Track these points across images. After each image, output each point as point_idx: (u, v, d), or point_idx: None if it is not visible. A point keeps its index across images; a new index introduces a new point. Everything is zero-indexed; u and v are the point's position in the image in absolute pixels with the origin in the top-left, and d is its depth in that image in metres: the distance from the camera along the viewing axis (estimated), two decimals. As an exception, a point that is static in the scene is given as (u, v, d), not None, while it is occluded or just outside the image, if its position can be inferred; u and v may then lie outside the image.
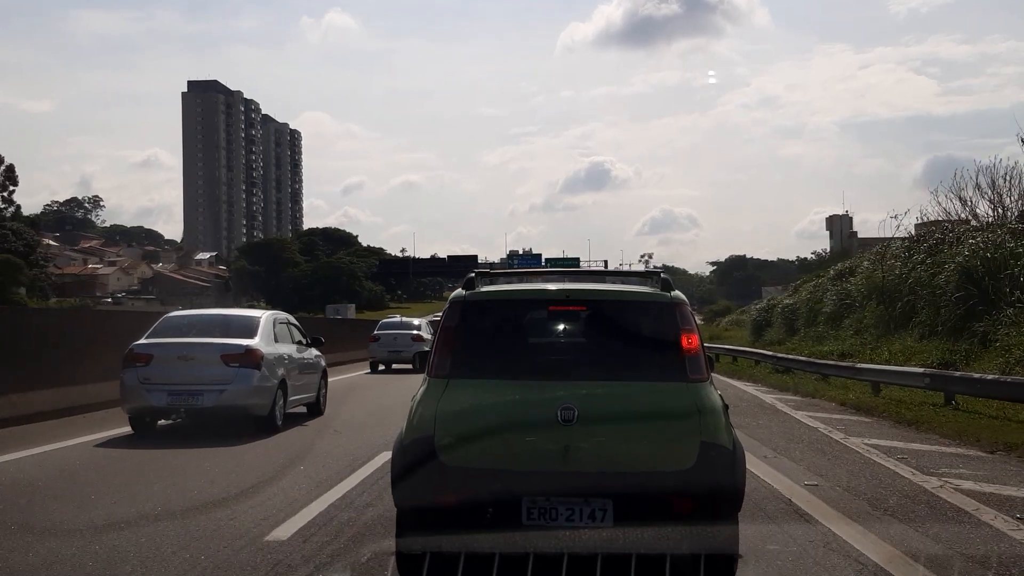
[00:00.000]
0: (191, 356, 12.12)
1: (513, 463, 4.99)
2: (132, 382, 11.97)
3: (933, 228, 28.43)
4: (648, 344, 5.49)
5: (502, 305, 5.68)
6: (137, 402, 12.00)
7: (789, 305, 40.07)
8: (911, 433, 12.33)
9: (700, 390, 5.17)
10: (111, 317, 22.87)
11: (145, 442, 11.35)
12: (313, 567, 5.66)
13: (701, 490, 4.90)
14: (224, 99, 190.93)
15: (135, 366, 12.06)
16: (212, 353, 12.12)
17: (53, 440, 11.07)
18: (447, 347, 5.37)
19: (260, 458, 10.11)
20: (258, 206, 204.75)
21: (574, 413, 4.95)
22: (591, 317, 5.69)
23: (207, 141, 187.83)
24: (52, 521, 6.93)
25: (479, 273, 5.96)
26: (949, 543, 6.25)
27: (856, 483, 8.50)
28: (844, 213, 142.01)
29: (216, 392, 11.88)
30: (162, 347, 12.26)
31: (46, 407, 13.51)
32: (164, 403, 11.87)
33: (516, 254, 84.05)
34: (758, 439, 11.60)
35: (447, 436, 5.02)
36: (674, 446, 5.01)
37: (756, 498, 7.49)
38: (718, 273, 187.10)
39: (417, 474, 5.00)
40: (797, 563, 5.73)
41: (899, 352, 22.31)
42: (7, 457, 9.86)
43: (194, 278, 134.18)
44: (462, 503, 4.94)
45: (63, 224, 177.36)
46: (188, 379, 11.89)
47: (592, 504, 4.89)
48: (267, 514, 7.06)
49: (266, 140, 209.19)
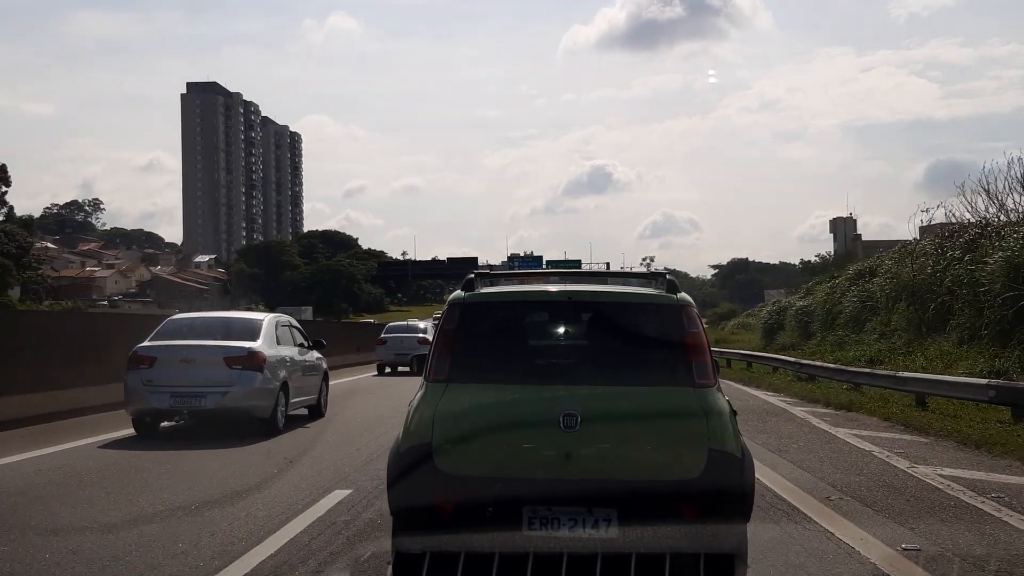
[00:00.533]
0: (194, 358, 12.14)
1: (513, 470, 4.86)
2: (135, 384, 12.01)
3: (954, 225, 26.52)
4: (653, 347, 5.33)
5: (502, 307, 5.52)
6: (140, 404, 12.05)
7: (804, 307, 37.89)
8: (986, 459, 10.41)
9: (707, 395, 5.01)
10: (100, 320, 22.25)
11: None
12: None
13: (709, 499, 4.75)
14: (223, 101, 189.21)
15: (139, 368, 12.07)
16: (215, 355, 12.16)
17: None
18: (445, 350, 5.20)
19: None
20: (258, 209, 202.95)
21: (576, 419, 4.80)
22: (594, 319, 5.52)
23: (206, 143, 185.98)
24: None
25: (478, 274, 5.74)
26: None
27: (974, 547, 6.36)
28: (848, 215, 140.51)
29: (219, 394, 11.93)
30: (165, 349, 12.29)
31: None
32: (167, 405, 11.94)
33: (517, 256, 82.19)
34: (807, 468, 9.69)
35: (445, 442, 4.87)
36: (680, 453, 4.88)
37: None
38: (720, 276, 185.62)
39: (414, 481, 4.86)
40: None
41: (936, 358, 20.43)
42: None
43: (192, 281, 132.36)
44: (460, 511, 4.79)
45: (63, 227, 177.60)
46: (191, 381, 11.94)
47: (596, 513, 4.72)
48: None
49: (266, 142, 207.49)
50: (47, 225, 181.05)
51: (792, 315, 38.95)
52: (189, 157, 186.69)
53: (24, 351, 13.94)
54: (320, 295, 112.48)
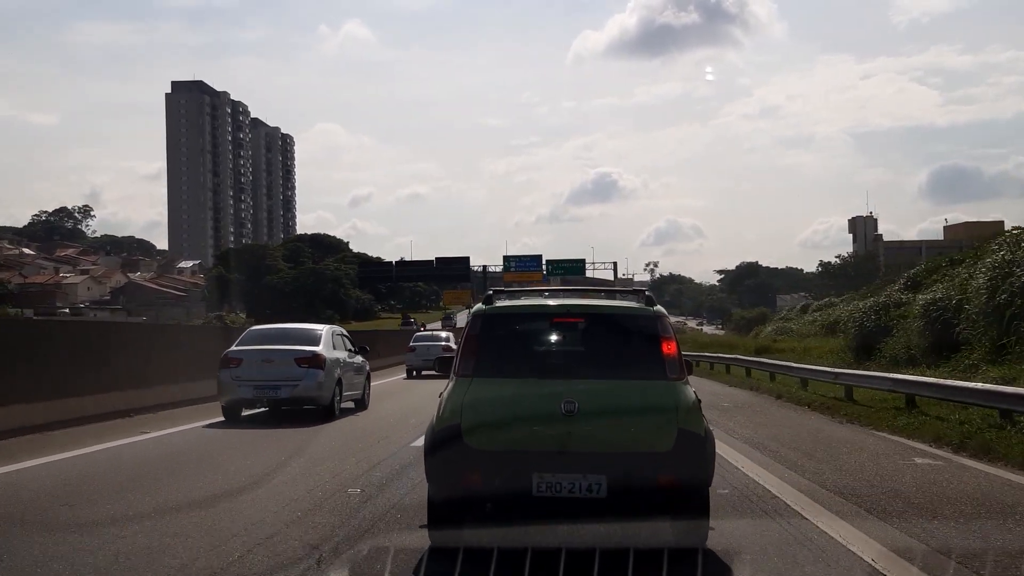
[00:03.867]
0: (272, 359, 15.72)
1: (525, 446, 6.14)
2: (227, 379, 15.54)
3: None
4: (635, 349, 6.69)
5: (515, 318, 6.89)
6: (230, 395, 15.56)
7: (939, 302, 23.28)
8: None
9: (678, 387, 6.36)
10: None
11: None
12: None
13: (678, 467, 6.04)
14: (209, 100, 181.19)
15: (229, 367, 15.60)
16: (287, 357, 15.69)
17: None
18: (471, 352, 6.53)
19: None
20: (247, 213, 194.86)
21: (575, 406, 6.08)
22: (588, 327, 6.83)
23: (192, 144, 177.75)
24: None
25: (496, 291, 7.18)
26: None
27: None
28: (868, 215, 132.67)
29: (291, 387, 15.50)
30: (249, 352, 15.88)
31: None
32: (251, 395, 15.61)
33: (513, 257, 74.06)
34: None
35: (472, 424, 6.12)
36: (656, 432, 6.14)
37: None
38: (727, 281, 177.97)
39: (447, 454, 6.11)
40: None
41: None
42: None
43: (170, 287, 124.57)
44: (484, 477, 6.03)
45: (52, 234, 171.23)
46: (269, 377, 15.52)
47: (589, 479, 5.95)
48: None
49: (256, 144, 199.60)
50: (34, 232, 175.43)
51: (919, 313, 23.95)
52: (174, 159, 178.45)
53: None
54: (304, 301, 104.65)
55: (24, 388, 13.54)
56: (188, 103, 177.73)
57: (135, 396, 16.51)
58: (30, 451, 11.30)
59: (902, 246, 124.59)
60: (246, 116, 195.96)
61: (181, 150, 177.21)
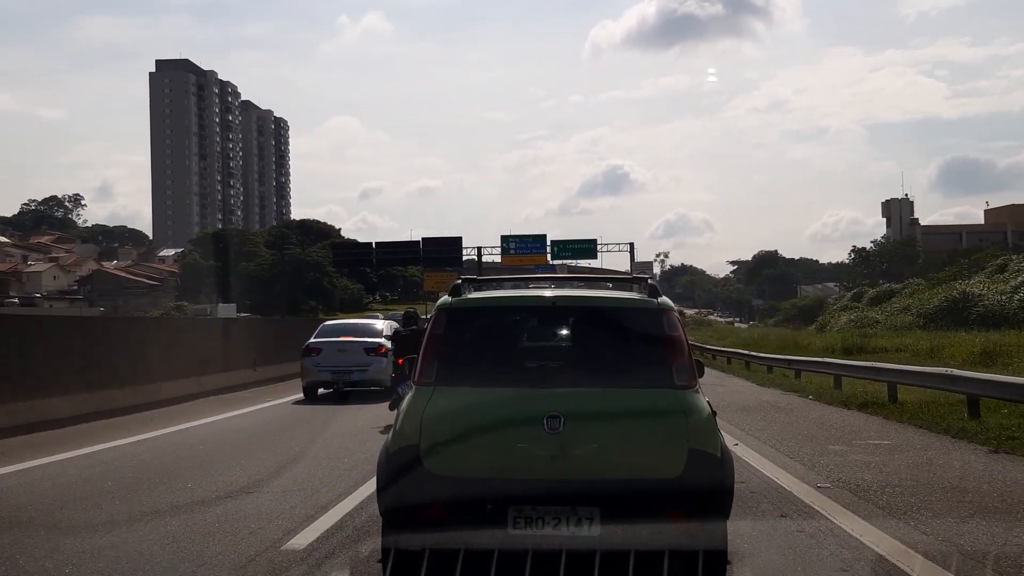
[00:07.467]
0: (345, 349, 20.04)
1: (499, 471, 4.94)
2: (309, 365, 19.96)
3: None
4: (635, 350, 5.46)
5: (488, 312, 5.68)
6: (312, 377, 19.97)
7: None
8: None
9: (687, 396, 5.14)
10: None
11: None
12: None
13: (690, 497, 4.85)
14: (195, 80, 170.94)
15: (311, 355, 20.00)
16: (358, 347, 20.12)
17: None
18: (433, 354, 5.35)
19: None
20: (236, 199, 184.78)
21: (560, 420, 4.91)
22: (578, 324, 5.65)
23: (176, 126, 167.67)
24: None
25: (465, 279, 5.99)
26: None
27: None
28: (904, 197, 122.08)
29: (361, 371, 19.79)
30: (327, 344, 20.33)
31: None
32: (329, 378, 19.81)
33: (513, 237, 63.91)
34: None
35: (432, 444, 4.98)
36: (661, 453, 4.99)
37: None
38: (743, 272, 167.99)
39: (403, 481, 4.98)
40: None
41: None
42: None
43: (142, 276, 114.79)
44: (447, 511, 4.89)
45: (40, 223, 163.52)
46: (343, 363, 19.75)
47: (579, 512, 4.84)
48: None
49: (247, 127, 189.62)
50: (23, 222, 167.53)
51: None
52: (158, 141, 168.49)
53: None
54: (283, 290, 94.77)
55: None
56: (172, 82, 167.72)
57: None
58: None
59: (938, 231, 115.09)
60: (235, 97, 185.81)
61: (165, 132, 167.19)
